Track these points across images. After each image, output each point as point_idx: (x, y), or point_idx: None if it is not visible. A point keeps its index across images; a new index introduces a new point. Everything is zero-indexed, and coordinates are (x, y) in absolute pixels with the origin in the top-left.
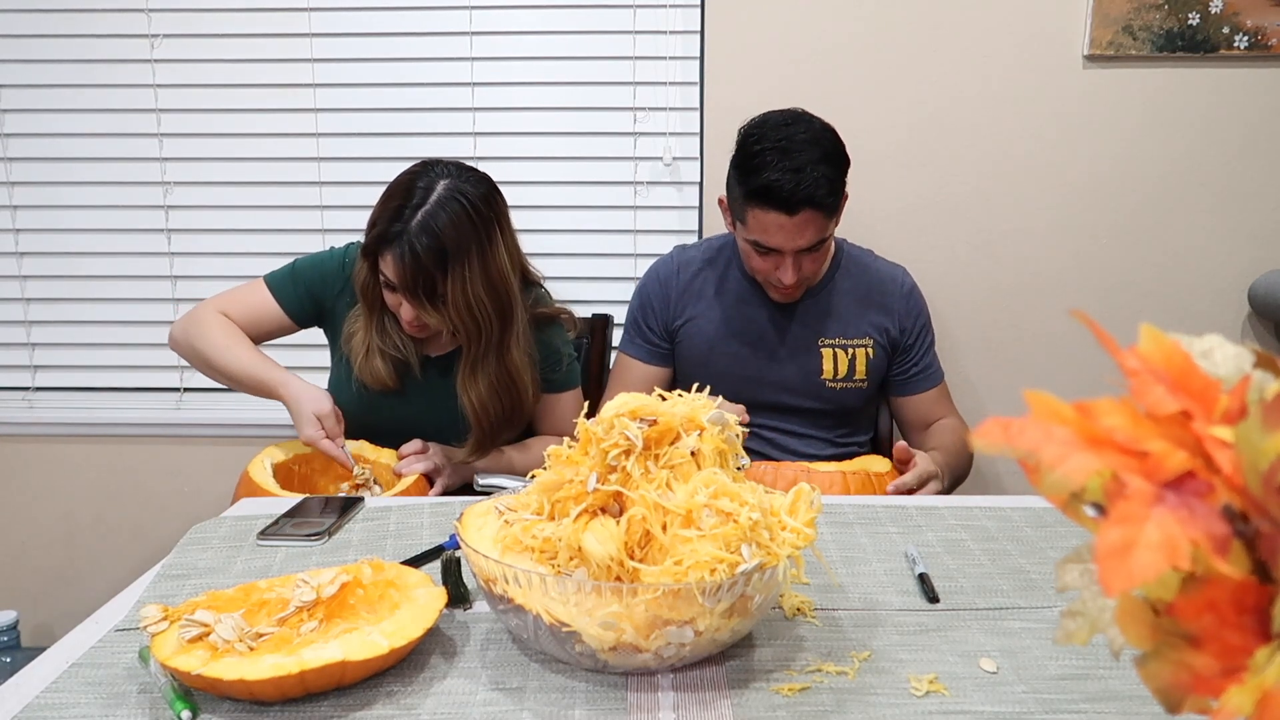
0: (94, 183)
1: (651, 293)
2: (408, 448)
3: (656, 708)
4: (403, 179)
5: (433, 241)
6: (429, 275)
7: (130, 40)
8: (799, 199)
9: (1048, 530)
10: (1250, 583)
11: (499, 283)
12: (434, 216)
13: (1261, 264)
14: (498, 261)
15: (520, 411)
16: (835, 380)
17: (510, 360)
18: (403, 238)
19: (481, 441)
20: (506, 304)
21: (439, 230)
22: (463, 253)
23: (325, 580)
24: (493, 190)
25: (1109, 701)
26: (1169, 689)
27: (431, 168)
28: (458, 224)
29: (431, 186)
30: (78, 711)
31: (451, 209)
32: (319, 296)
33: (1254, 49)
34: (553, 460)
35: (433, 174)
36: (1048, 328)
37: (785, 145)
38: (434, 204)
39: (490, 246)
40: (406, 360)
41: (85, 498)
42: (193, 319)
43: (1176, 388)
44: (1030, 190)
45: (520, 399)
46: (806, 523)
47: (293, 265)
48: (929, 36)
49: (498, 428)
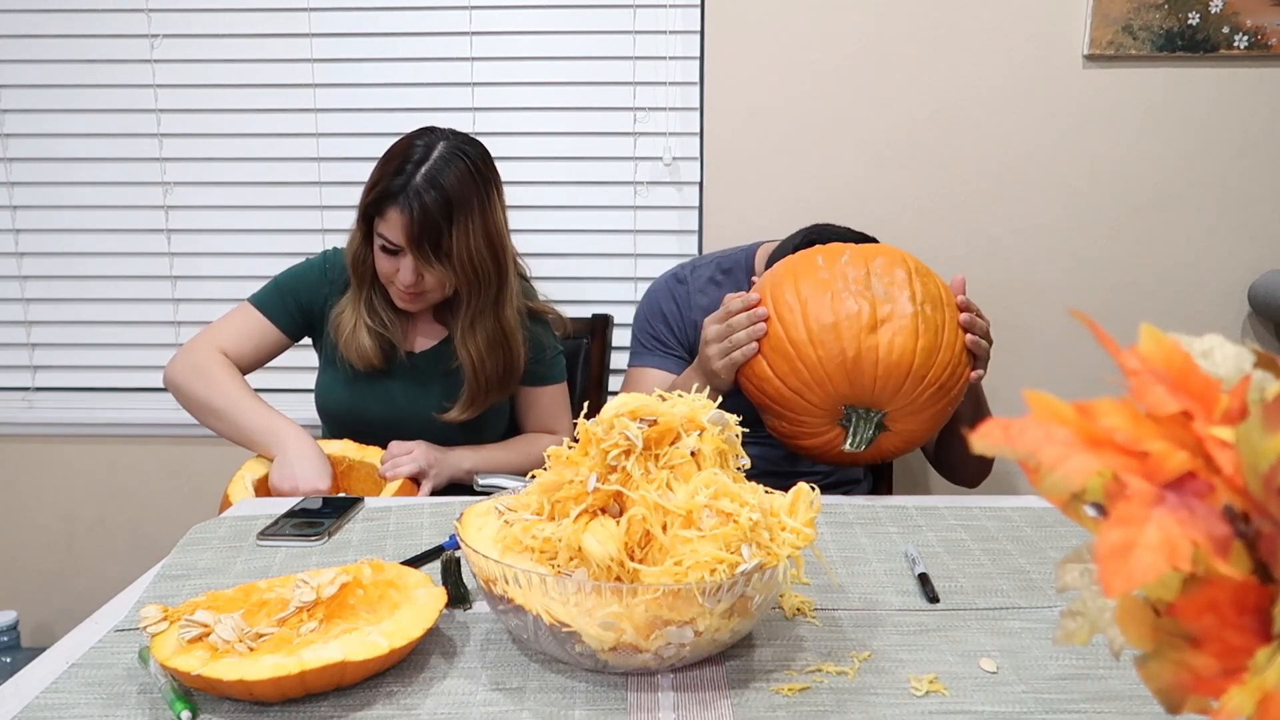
0: (94, 183)
1: (663, 303)
2: (395, 447)
3: (656, 708)
4: (400, 143)
5: (439, 194)
6: (435, 226)
7: (130, 40)
8: None
9: (1048, 530)
10: (1251, 583)
11: (496, 239)
12: (439, 170)
13: (1262, 264)
14: (495, 218)
15: (513, 371)
16: None
17: (505, 317)
18: (408, 191)
19: (474, 397)
20: (503, 260)
21: (444, 183)
22: (466, 205)
23: (325, 580)
24: (488, 153)
25: (1109, 702)
26: (1170, 689)
27: (429, 131)
28: (461, 178)
29: (432, 145)
30: (77, 712)
31: (455, 163)
32: (306, 305)
33: (1254, 48)
34: (553, 460)
35: (432, 135)
36: (1048, 328)
37: None
38: (437, 159)
39: (489, 203)
40: (392, 341)
41: (85, 498)
42: (190, 359)
43: (1177, 388)
44: (1030, 190)
45: (514, 357)
46: (806, 523)
47: (275, 281)
48: (929, 36)
49: (492, 384)
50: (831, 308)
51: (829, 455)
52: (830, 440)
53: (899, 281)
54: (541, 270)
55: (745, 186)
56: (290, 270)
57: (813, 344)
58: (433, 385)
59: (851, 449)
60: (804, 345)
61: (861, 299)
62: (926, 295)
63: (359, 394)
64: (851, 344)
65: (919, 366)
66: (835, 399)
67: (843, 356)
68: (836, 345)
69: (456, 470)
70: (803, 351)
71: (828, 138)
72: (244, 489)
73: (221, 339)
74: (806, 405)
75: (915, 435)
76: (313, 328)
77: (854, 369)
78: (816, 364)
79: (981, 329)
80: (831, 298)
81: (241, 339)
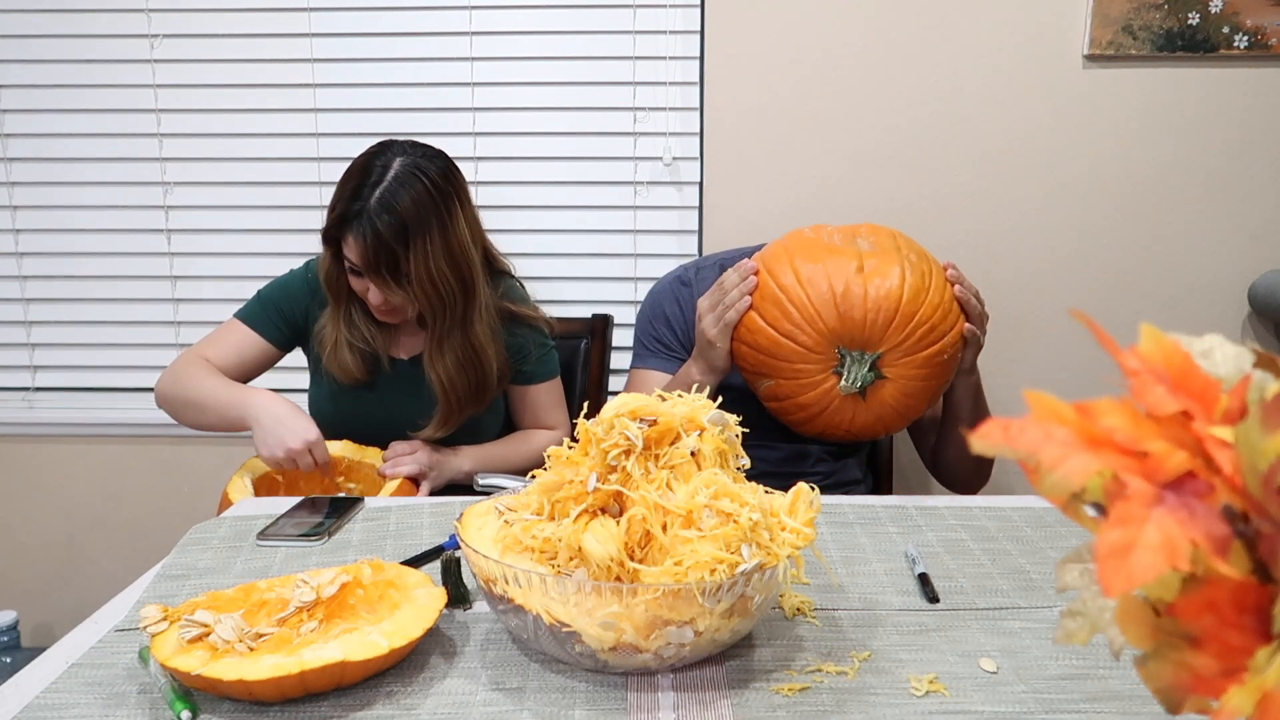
0: (94, 183)
1: (666, 305)
2: (396, 447)
3: (656, 708)
4: (359, 160)
5: (393, 218)
6: (391, 252)
7: (130, 40)
8: None
9: (1048, 530)
10: (1250, 583)
11: (460, 257)
12: (393, 193)
13: (1261, 263)
14: (458, 235)
15: (486, 387)
16: None
17: (475, 334)
18: (363, 216)
19: (447, 416)
20: (468, 278)
21: (398, 206)
22: (423, 227)
23: (325, 580)
24: (450, 166)
25: (1109, 701)
26: (1169, 689)
27: (388, 147)
28: (417, 199)
29: (389, 165)
30: (77, 712)
31: (410, 185)
32: (290, 316)
33: (1254, 48)
34: (553, 460)
35: (389, 153)
36: (1048, 327)
37: None
38: (392, 180)
39: (450, 220)
40: (375, 353)
41: (85, 498)
42: (173, 371)
43: (1177, 388)
44: (1030, 189)
45: (485, 373)
46: (806, 522)
47: (259, 295)
48: (929, 35)
49: (464, 402)
50: (819, 258)
51: (830, 417)
52: (828, 391)
53: (883, 240)
54: (541, 270)
55: (745, 186)
56: (273, 282)
57: (801, 285)
58: (420, 392)
59: (848, 387)
60: (793, 289)
61: (847, 250)
62: (911, 249)
63: (347, 405)
64: (840, 281)
65: (908, 303)
66: (828, 338)
67: (831, 293)
68: (825, 283)
69: (457, 472)
70: (792, 294)
71: (828, 137)
72: (244, 488)
73: (206, 352)
74: (799, 350)
75: (912, 390)
76: (300, 338)
77: (844, 302)
78: (805, 303)
79: (971, 288)
80: (820, 250)
81: (227, 352)
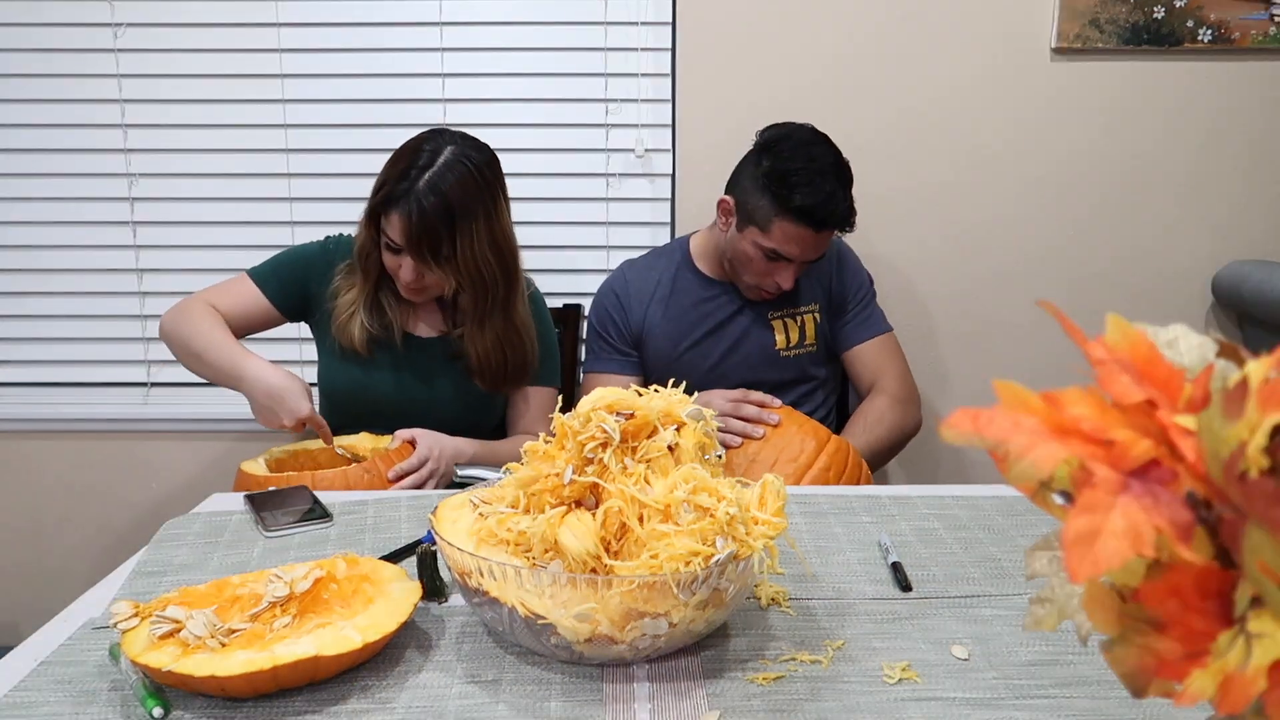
0: (57, 174)
1: (608, 305)
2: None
3: (632, 699)
4: (409, 144)
5: (440, 200)
6: (434, 233)
7: (93, 29)
8: (831, 220)
9: (1018, 518)
10: (1213, 568)
11: (504, 244)
12: (441, 178)
13: (1225, 255)
14: (502, 224)
15: (524, 366)
16: (788, 349)
17: (517, 315)
18: (410, 196)
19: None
20: (511, 264)
21: (445, 190)
22: (469, 214)
23: (299, 575)
24: (494, 159)
25: (1078, 686)
26: (1135, 673)
27: (439, 134)
28: (464, 185)
29: (438, 150)
30: (47, 710)
31: (458, 171)
32: (304, 286)
33: (1217, 42)
34: (529, 455)
35: (439, 140)
36: (1016, 318)
37: (818, 167)
38: (441, 166)
39: (494, 210)
40: (387, 330)
41: (51, 495)
42: (180, 309)
43: (1142, 377)
44: (1000, 182)
45: (527, 351)
46: (775, 512)
47: (276, 258)
48: (899, 31)
49: (497, 379)
50: None
51: None
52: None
53: None
54: None
55: (718, 178)
56: (292, 249)
57: None
58: (433, 370)
59: None
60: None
61: None
62: None
63: (358, 376)
64: None
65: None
66: None
67: None
68: None
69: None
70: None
71: None
72: (257, 464)
73: (212, 298)
74: None
75: None
76: (307, 310)
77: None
78: None
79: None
80: None
81: (231, 302)
